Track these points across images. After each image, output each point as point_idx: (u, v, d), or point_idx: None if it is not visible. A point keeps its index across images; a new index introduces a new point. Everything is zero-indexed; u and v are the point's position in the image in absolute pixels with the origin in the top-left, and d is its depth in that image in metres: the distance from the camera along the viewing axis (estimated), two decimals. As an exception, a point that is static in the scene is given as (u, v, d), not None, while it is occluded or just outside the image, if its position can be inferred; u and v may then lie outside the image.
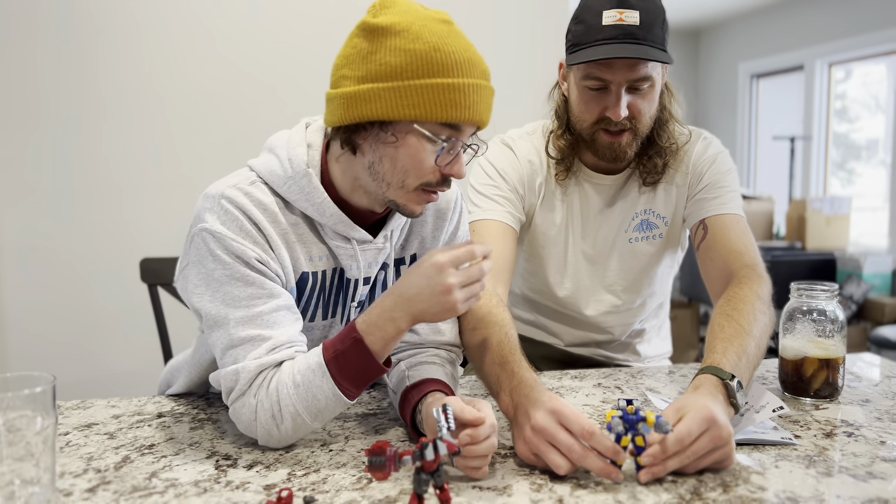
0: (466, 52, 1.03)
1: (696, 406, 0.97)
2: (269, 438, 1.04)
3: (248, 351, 1.04)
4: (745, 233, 1.47)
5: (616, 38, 1.33)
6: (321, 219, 1.11)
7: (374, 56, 1.02)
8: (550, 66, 1.71)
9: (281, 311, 1.07)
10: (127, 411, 1.25)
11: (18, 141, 2.36)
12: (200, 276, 1.08)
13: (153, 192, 2.46)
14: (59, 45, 2.36)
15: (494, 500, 0.88)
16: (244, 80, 2.51)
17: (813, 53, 5.97)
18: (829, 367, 1.28)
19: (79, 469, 0.99)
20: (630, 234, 1.57)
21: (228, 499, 0.89)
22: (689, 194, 1.54)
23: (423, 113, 1.01)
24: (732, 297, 1.31)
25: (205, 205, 1.09)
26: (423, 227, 1.26)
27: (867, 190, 5.82)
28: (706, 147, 1.55)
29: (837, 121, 6.05)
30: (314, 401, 1.01)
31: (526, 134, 1.59)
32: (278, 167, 1.11)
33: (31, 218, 2.39)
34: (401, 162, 1.05)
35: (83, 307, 2.44)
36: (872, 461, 1.01)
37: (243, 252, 1.05)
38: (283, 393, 1.02)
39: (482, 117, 1.06)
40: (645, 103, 1.40)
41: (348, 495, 0.90)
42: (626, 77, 1.35)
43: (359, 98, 1.03)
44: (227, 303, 1.05)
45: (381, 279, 1.24)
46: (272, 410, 1.02)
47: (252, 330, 1.04)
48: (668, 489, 0.91)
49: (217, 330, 1.06)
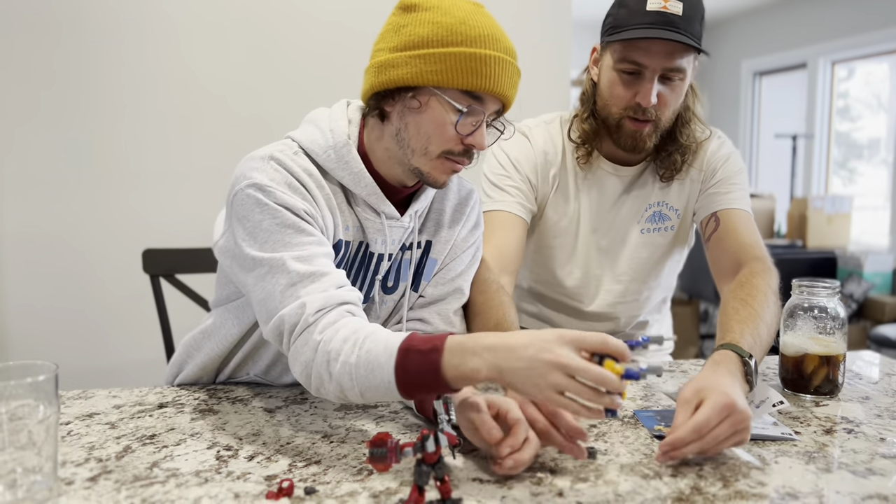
0: (492, 28, 1.09)
1: (717, 390, 0.98)
2: (321, 384, 0.98)
3: (309, 285, 1.01)
4: (754, 229, 1.51)
5: (658, 23, 1.35)
6: (356, 189, 1.16)
7: (405, 29, 1.10)
8: (555, 65, 1.71)
9: (329, 257, 1.08)
10: (128, 401, 1.25)
11: (23, 131, 2.36)
12: (247, 230, 1.07)
13: (157, 183, 2.46)
14: (67, 34, 2.36)
15: (495, 493, 0.88)
16: (252, 69, 2.50)
17: (816, 51, 5.95)
18: (829, 364, 1.28)
19: (80, 458, 1.00)
20: (643, 225, 1.60)
21: (229, 489, 0.89)
22: (702, 189, 1.57)
23: (444, 79, 1.07)
24: (746, 283, 1.35)
25: (251, 164, 1.11)
26: (442, 214, 1.30)
27: (868, 189, 5.81)
28: (720, 145, 1.59)
29: (840, 119, 6.04)
30: (368, 376, 0.94)
31: (543, 123, 1.61)
32: (320, 136, 1.16)
33: (34, 208, 2.39)
34: (424, 128, 1.10)
35: (85, 298, 2.44)
36: (872, 458, 1.01)
37: (293, 203, 1.07)
38: (346, 349, 0.96)
39: (504, 90, 1.09)
40: (673, 95, 1.42)
41: (349, 486, 0.90)
42: (661, 64, 1.38)
43: (388, 65, 1.10)
44: (280, 247, 1.04)
45: (406, 259, 1.27)
46: (328, 358, 0.97)
47: (310, 266, 1.03)
48: (668, 484, 0.91)
49: (272, 275, 1.03)
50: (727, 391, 0.98)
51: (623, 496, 0.88)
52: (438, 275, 1.30)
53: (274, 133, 2.45)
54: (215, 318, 1.31)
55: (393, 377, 0.92)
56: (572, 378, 0.84)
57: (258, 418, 1.17)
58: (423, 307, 1.30)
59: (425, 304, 1.30)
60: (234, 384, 1.36)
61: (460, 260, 1.32)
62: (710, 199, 1.55)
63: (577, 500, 0.87)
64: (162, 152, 2.46)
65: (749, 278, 1.36)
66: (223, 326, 1.29)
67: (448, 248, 1.30)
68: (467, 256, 1.33)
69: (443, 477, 0.83)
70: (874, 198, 5.72)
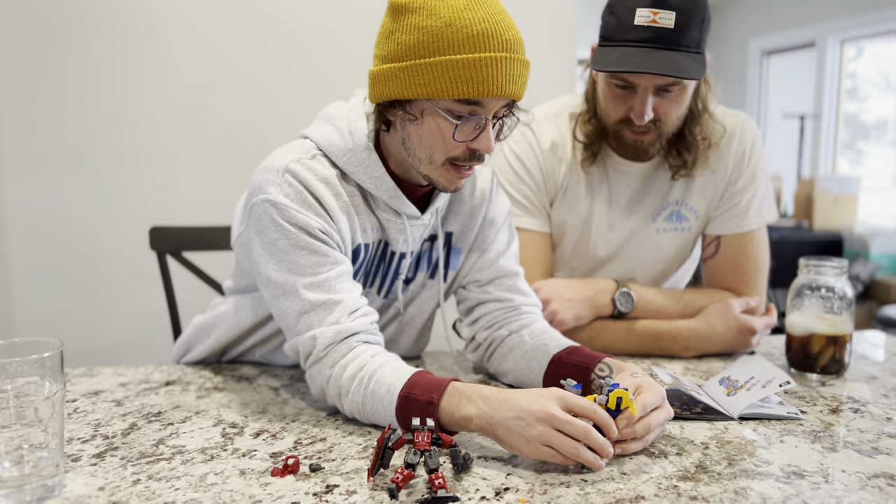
0: (484, 23, 1.00)
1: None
2: (336, 407, 1.07)
3: (323, 316, 1.05)
4: (753, 255, 1.49)
5: (646, 41, 1.26)
6: (377, 192, 1.13)
7: (394, 35, 1.04)
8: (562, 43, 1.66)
9: (344, 277, 1.09)
10: (134, 379, 1.26)
11: (26, 111, 2.35)
12: (264, 246, 1.09)
13: (164, 161, 2.45)
14: (69, 13, 2.34)
15: (501, 469, 0.88)
16: (260, 48, 2.48)
17: (825, 30, 5.89)
18: (836, 344, 1.27)
19: (86, 435, 1.00)
20: (658, 225, 1.53)
21: (235, 466, 0.90)
22: (724, 195, 1.50)
23: (434, 91, 1.01)
24: (712, 292, 1.49)
25: (267, 177, 1.10)
26: (462, 205, 1.28)
27: (875, 170, 5.78)
28: (752, 144, 1.49)
29: (848, 100, 5.99)
30: (374, 413, 1.01)
31: (553, 116, 1.53)
32: (339, 139, 1.13)
33: (39, 186, 2.38)
34: (425, 138, 1.07)
35: (92, 275, 2.44)
36: (878, 437, 1.00)
37: (307, 223, 1.07)
38: (353, 388, 1.02)
39: (504, 90, 1.01)
40: (673, 106, 1.34)
41: (354, 463, 0.90)
42: (653, 82, 1.30)
43: (380, 78, 1.06)
44: (293, 270, 1.07)
45: (427, 251, 1.26)
46: (339, 392, 1.04)
47: (322, 294, 1.06)
48: (674, 462, 0.91)
49: (286, 298, 1.07)
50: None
51: (629, 474, 0.88)
52: (482, 259, 1.28)
53: (278, 114, 2.45)
54: (231, 304, 1.31)
55: (395, 419, 0.98)
56: (558, 431, 0.87)
57: (264, 396, 1.17)
58: (483, 286, 1.29)
59: (483, 284, 1.29)
60: (241, 363, 1.36)
61: (497, 240, 1.29)
62: (721, 217, 1.50)
63: (582, 478, 0.87)
64: (168, 129, 2.45)
65: (721, 296, 1.47)
66: (238, 313, 1.29)
67: (472, 235, 1.28)
68: (503, 236, 1.30)
69: (436, 468, 0.83)
70: (881, 179, 5.69)
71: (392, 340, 1.32)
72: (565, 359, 1.14)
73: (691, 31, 1.26)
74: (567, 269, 1.57)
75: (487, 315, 1.27)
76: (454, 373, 1.32)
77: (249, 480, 0.86)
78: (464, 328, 1.32)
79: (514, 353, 1.21)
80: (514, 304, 1.27)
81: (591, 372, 1.09)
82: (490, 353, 1.27)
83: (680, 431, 1.02)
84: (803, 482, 0.86)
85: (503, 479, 0.86)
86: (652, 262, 1.56)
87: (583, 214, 1.52)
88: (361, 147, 1.12)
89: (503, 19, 1.02)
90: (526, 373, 1.19)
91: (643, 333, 1.41)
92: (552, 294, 1.37)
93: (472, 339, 1.30)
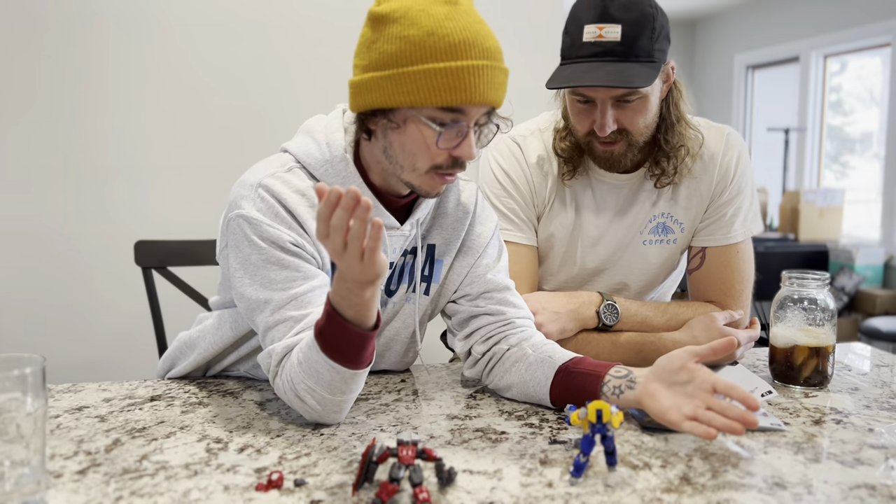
0: (464, 32, 1.02)
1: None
2: (311, 414, 1.07)
3: (284, 332, 1.08)
4: (737, 268, 1.50)
5: (595, 56, 1.30)
6: None
7: (374, 45, 1.05)
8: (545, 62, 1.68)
9: (316, 292, 1.10)
10: (118, 395, 1.25)
11: (12, 123, 2.34)
12: (238, 261, 1.12)
13: (148, 175, 2.45)
14: (54, 28, 2.34)
15: (485, 484, 0.88)
16: (243, 64, 2.49)
17: (809, 45, 5.97)
18: (818, 356, 1.28)
19: (69, 451, 0.99)
20: (644, 237, 1.53)
21: (219, 481, 0.89)
22: (708, 207, 1.51)
23: (417, 99, 1.03)
24: (696, 305, 1.50)
25: (241, 192, 1.12)
26: (445, 218, 1.28)
27: (860, 183, 5.84)
28: (738, 158, 1.50)
29: (832, 113, 6.06)
30: (318, 375, 1.02)
31: (538, 130, 1.53)
32: (316, 150, 1.15)
33: (24, 200, 2.37)
34: (408, 146, 1.08)
35: (76, 290, 2.43)
36: (860, 448, 1.01)
37: (278, 237, 1.09)
38: (293, 372, 1.05)
39: (485, 98, 1.04)
40: (636, 115, 1.36)
41: (338, 478, 0.90)
42: (609, 94, 1.32)
43: (362, 87, 1.07)
44: (265, 286, 1.09)
45: (410, 264, 1.26)
46: (294, 390, 1.05)
47: (288, 311, 1.08)
48: (658, 474, 0.92)
49: (257, 313, 1.10)
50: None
51: (612, 487, 0.88)
52: (471, 273, 1.29)
53: (265, 128, 2.45)
54: (214, 319, 1.31)
55: (330, 362, 1.00)
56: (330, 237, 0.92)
57: (248, 411, 1.17)
58: (473, 299, 1.29)
59: (473, 298, 1.29)
60: (225, 377, 1.36)
61: (486, 254, 1.30)
62: (706, 229, 1.51)
63: (567, 490, 0.87)
64: (152, 144, 2.45)
65: (704, 308, 1.48)
66: (219, 329, 1.29)
67: (455, 248, 1.29)
68: (492, 250, 1.31)
69: (420, 482, 0.83)
70: (866, 191, 5.75)
71: (378, 356, 1.32)
72: (572, 368, 1.14)
73: (640, 42, 1.30)
74: (555, 281, 1.58)
75: (482, 329, 1.27)
76: (449, 385, 1.31)
77: (233, 496, 0.85)
78: (457, 343, 1.31)
79: (518, 366, 1.21)
80: (507, 318, 1.27)
81: (600, 379, 1.09)
82: (490, 368, 1.26)
83: (664, 444, 1.02)
84: (786, 493, 0.87)
85: (488, 493, 0.86)
86: (639, 274, 1.56)
87: (570, 227, 1.53)
88: (338, 158, 1.14)
89: (482, 28, 1.05)
90: (531, 385, 1.18)
91: (627, 345, 1.41)
92: (537, 307, 1.37)
93: (468, 353, 1.29)
